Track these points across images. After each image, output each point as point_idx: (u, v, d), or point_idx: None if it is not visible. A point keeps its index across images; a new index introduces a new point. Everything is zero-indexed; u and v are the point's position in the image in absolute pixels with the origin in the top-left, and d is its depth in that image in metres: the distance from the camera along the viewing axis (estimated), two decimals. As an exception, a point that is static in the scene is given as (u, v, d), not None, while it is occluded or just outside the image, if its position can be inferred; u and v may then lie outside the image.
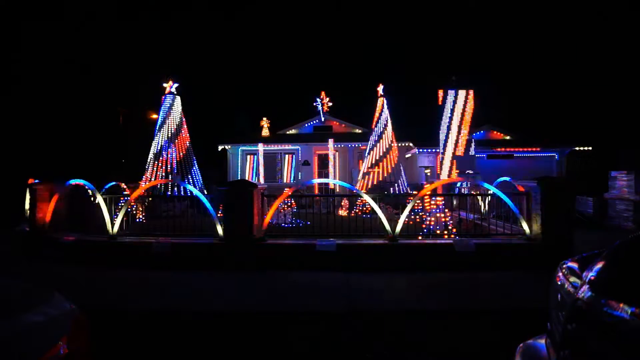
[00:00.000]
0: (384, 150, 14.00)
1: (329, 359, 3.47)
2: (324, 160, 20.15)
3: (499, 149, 19.00)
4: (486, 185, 6.80)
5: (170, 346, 3.70)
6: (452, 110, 12.61)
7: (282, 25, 52.53)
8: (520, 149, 18.99)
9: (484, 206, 8.41)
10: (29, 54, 32.25)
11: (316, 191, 17.11)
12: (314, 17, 52.76)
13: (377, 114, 14.38)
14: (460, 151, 12.53)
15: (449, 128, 12.65)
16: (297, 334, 3.95)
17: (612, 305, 1.44)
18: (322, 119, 22.66)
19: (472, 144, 12.77)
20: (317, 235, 6.79)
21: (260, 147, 18.89)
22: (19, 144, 24.60)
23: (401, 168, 14.36)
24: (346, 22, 53.67)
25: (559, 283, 2.00)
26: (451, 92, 12.62)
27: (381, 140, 14.10)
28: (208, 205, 6.76)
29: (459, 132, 12.59)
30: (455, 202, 8.84)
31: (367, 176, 14.03)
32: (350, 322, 4.19)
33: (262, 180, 18.50)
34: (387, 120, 14.22)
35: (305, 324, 4.18)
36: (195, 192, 7.37)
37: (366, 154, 14.53)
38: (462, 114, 12.59)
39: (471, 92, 12.60)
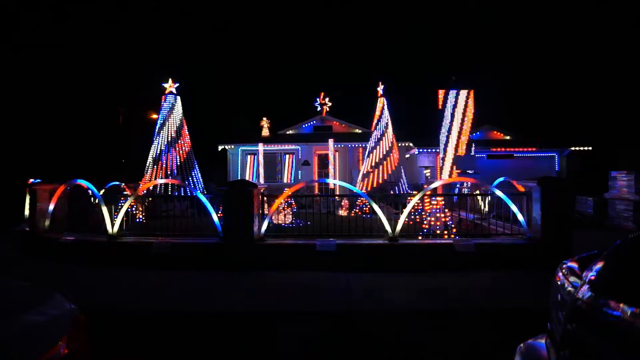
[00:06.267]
0: (385, 150, 13.98)
1: (329, 359, 3.47)
2: (324, 160, 20.14)
3: (499, 149, 19.00)
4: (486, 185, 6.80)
5: (170, 346, 3.70)
6: (453, 111, 12.62)
7: (282, 25, 52.56)
8: (520, 149, 19.00)
9: (484, 206, 8.40)
10: (30, 53, 32.26)
11: (316, 191, 17.10)
12: (314, 16, 52.79)
13: (377, 114, 14.35)
14: (460, 151, 12.53)
15: (449, 128, 12.65)
16: (297, 334, 3.95)
17: (612, 305, 1.44)
18: (322, 119, 22.65)
19: (472, 144, 12.78)
20: (317, 235, 6.78)
21: (261, 147, 18.88)
22: (19, 144, 24.60)
23: (401, 168, 14.34)
24: (346, 22, 53.72)
25: (559, 283, 2.00)
26: (452, 92, 12.63)
27: (381, 141, 14.07)
28: (208, 205, 6.76)
29: (459, 132, 12.59)
30: (455, 202, 8.84)
31: (367, 177, 14.01)
32: (350, 322, 4.19)
33: (262, 180, 18.49)
34: (387, 120, 14.20)
35: (306, 324, 4.18)
36: (195, 192, 7.37)
37: (366, 154, 14.51)
38: (463, 114, 12.60)
39: (471, 92, 12.60)
